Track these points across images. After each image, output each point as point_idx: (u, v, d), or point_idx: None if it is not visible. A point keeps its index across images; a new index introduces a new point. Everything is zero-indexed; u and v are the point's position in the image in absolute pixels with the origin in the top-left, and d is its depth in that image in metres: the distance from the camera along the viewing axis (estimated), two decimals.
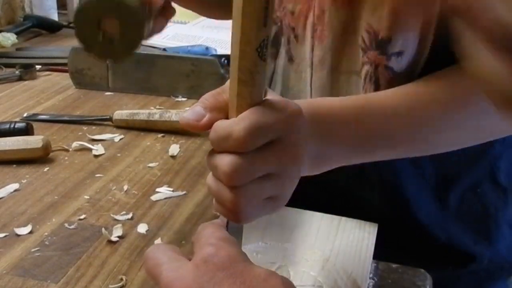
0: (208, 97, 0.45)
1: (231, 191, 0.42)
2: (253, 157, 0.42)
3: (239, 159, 0.41)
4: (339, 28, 0.63)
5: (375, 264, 0.62)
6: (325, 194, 0.77)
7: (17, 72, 1.11)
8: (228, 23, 0.41)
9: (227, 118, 0.44)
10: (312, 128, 0.49)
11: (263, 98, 0.43)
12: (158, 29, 0.66)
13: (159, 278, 0.40)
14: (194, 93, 1.03)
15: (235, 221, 0.45)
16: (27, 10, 1.57)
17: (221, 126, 0.43)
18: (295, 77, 0.70)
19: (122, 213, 0.67)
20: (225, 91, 0.44)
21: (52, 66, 1.17)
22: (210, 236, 0.41)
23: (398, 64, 0.59)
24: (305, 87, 0.69)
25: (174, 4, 0.69)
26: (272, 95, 0.44)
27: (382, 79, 0.60)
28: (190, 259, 0.41)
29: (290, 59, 0.70)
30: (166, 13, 0.68)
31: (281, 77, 0.72)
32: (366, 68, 0.61)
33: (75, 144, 0.83)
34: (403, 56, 0.59)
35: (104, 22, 0.50)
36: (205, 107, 0.44)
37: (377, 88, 0.61)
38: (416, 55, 0.59)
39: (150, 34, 0.63)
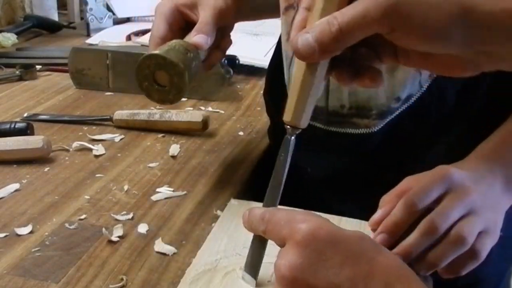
0: None
1: None
2: None
3: None
4: None
5: None
6: (326, 193, 0.77)
7: (17, 72, 1.11)
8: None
9: None
10: None
11: None
12: (215, 60, 0.73)
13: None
14: (194, 93, 1.03)
15: None
16: (27, 10, 1.57)
17: None
18: None
19: (122, 213, 0.67)
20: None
21: (52, 66, 1.17)
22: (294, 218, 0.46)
23: None
24: None
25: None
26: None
27: None
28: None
29: None
30: (221, 46, 0.74)
31: None
32: None
33: (76, 144, 0.83)
34: None
35: (156, 74, 0.63)
36: None
37: None
38: None
39: (207, 68, 0.72)
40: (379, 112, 0.70)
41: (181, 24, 0.71)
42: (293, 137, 0.49)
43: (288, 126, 0.48)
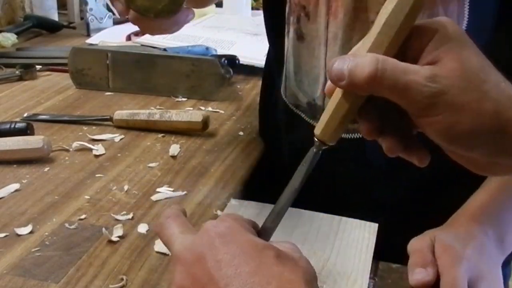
0: None
1: None
2: None
3: None
4: (351, 5, 0.65)
5: (375, 264, 0.62)
6: (325, 193, 0.77)
7: (17, 72, 1.11)
8: (228, 24, 0.41)
9: None
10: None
11: None
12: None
13: (171, 250, 0.44)
14: (194, 93, 1.03)
15: None
16: (27, 10, 1.57)
17: None
18: (307, 54, 0.71)
19: (122, 213, 0.67)
20: None
21: (52, 66, 1.17)
22: (224, 215, 0.45)
23: None
24: (318, 63, 0.70)
25: None
26: None
27: None
28: None
29: (301, 37, 0.71)
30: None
31: (293, 56, 0.72)
32: None
33: (76, 144, 0.83)
34: None
35: None
36: None
37: None
38: None
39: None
40: None
41: None
42: (319, 151, 0.47)
43: (317, 140, 0.48)
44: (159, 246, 0.61)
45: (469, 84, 0.39)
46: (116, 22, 1.51)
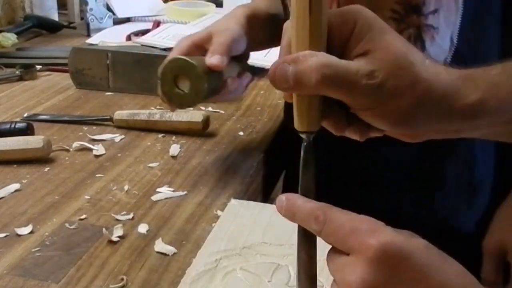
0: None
1: None
2: None
3: None
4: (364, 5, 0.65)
5: None
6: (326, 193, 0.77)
7: (17, 72, 1.11)
8: None
9: None
10: None
11: None
12: (232, 87, 0.73)
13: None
14: None
15: None
16: (28, 10, 1.57)
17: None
18: None
19: (122, 213, 0.67)
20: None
21: (53, 66, 1.17)
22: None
23: (436, 20, 0.65)
24: None
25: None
26: None
27: (427, 35, 0.65)
28: None
29: None
30: (241, 77, 0.76)
31: None
32: (408, 32, 0.65)
33: (76, 144, 0.83)
34: (439, 12, 0.64)
35: (178, 79, 0.66)
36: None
37: (424, 45, 0.66)
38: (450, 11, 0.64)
39: (226, 93, 0.73)
40: None
41: None
42: (309, 141, 0.45)
43: (301, 133, 0.46)
44: (159, 246, 0.61)
45: (400, 70, 0.41)
46: (116, 22, 1.51)
